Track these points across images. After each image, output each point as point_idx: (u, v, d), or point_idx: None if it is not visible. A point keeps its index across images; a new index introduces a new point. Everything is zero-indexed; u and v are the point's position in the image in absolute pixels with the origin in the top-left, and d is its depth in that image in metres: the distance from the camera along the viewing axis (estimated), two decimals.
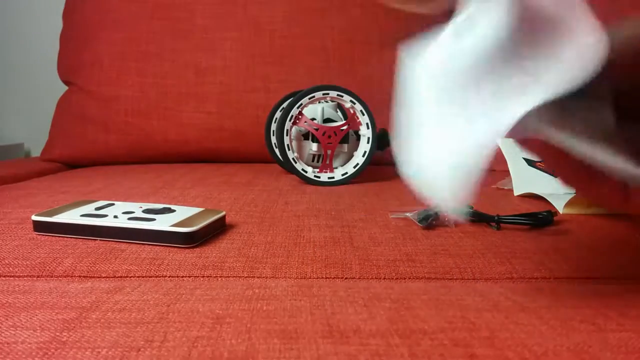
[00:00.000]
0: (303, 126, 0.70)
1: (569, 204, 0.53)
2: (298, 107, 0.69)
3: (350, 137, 0.73)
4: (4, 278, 0.36)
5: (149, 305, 0.29)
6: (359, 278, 0.37)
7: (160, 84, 0.97)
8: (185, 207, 0.46)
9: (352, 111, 0.72)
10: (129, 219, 0.42)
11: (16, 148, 1.31)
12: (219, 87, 0.97)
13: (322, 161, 0.72)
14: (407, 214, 0.49)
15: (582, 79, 0.25)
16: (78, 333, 0.25)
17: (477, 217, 0.48)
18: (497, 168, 0.90)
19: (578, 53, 0.25)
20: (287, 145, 0.69)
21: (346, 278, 0.37)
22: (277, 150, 0.79)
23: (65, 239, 0.43)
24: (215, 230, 0.44)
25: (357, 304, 0.29)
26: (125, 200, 0.58)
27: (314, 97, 0.69)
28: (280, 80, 0.97)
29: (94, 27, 1.01)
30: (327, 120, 0.73)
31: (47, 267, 0.37)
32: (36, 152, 1.34)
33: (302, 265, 0.38)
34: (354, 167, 0.72)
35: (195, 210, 0.46)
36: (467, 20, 0.33)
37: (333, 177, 0.71)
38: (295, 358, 0.23)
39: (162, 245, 0.41)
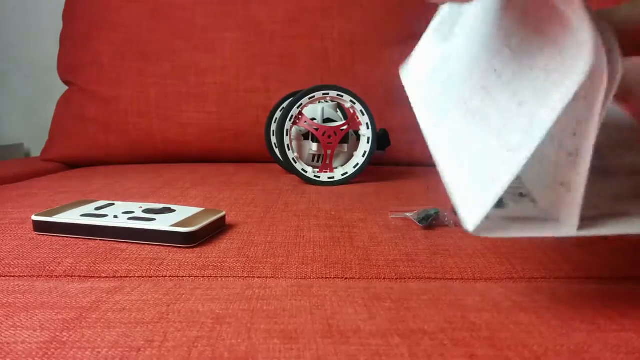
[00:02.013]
0: (303, 126, 0.70)
1: None
2: (298, 107, 0.69)
3: (350, 137, 0.73)
4: (4, 278, 0.36)
5: (149, 305, 0.29)
6: (359, 278, 0.37)
7: (160, 84, 0.97)
8: (185, 207, 0.46)
9: (352, 111, 0.72)
10: (129, 219, 0.42)
11: (16, 148, 1.31)
12: (219, 87, 0.97)
13: (322, 161, 0.72)
14: (407, 214, 0.49)
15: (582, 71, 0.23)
16: (78, 333, 0.25)
17: None
18: None
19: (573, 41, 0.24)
20: (287, 145, 0.69)
21: (346, 278, 0.37)
22: (277, 150, 0.79)
23: (65, 239, 0.43)
24: (215, 230, 0.44)
25: (357, 304, 0.29)
26: (125, 200, 0.58)
27: (314, 97, 0.69)
28: (280, 80, 0.97)
29: (94, 27, 1.01)
30: (327, 120, 0.73)
31: (47, 267, 0.37)
32: (36, 152, 1.34)
33: (302, 265, 0.38)
34: (354, 167, 0.72)
35: (195, 210, 0.46)
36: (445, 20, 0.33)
37: (333, 177, 0.71)
38: (295, 358, 0.23)
39: (162, 245, 0.41)
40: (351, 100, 0.70)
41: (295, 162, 0.70)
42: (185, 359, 0.23)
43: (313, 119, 0.71)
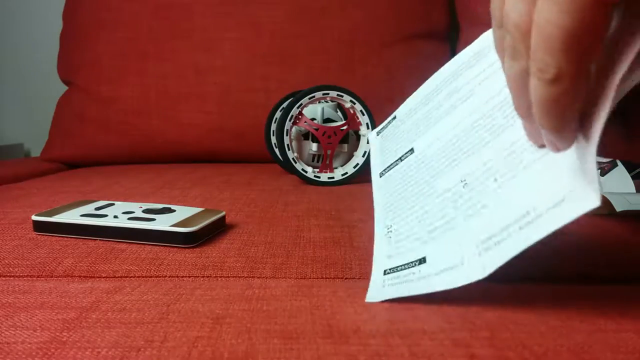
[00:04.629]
0: (303, 126, 0.70)
1: None
2: (298, 107, 0.69)
3: (350, 137, 0.73)
4: (4, 278, 0.36)
5: (149, 305, 0.29)
6: (359, 278, 0.37)
7: (160, 84, 0.97)
8: (185, 207, 0.46)
9: (352, 111, 0.72)
10: (129, 219, 0.42)
11: (16, 148, 1.31)
12: (219, 87, 0.97)
13: (322, 161, 0.72)
14: None
15: None
16: (78, 333, 0.25)
17: None
18: None
19: None
20: (287, 145, 0.69)
21: (346, 278, 0.36)
22: (277, 150, 0.79)
23: (65, 239, 0.43)
24: (215, 230, 0.44)
25: (357, 304, 0.29)
26: (125, 200, 0.58)
27: (314, 97, 0.69)
28: (280, 80, 0.97)
29: (94, 27, 1.01)
30: (327, 120, 0.73)
31: (47, 267, 0.37)
32: (36, 152, 1.34)
33: (302, 265, 0.38)
34: (354, 167, 0.72)
35: (195, 210, 0.46)
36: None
37: (333, 177, 0.71)
38: (295, 358, 0.23)
39: (162, 245, 0.41)
40: (351, 100, 0.70)
41: (295, 162, 0.70)
42: (185, 359, 0.23)
43: (313, 119, 0.71)
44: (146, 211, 0.45)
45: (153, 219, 0.42)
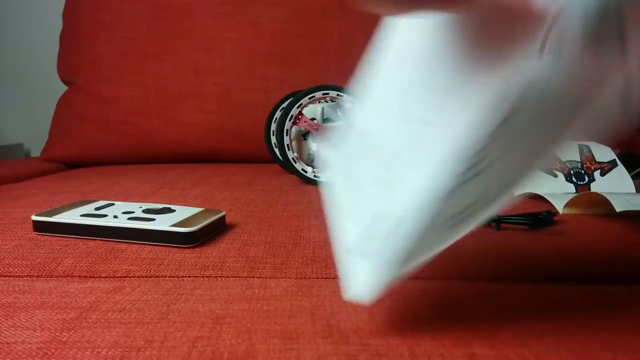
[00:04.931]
0: (303, 126, 0.70)
1: (569, 204, 0.53)
2: (298, 107, 0.69)
3: None
4: (4, 278, 0.36)
5: (149, 305, 0.29)
6: None
7: (160, 84, 0.97)
8: (185, 207, 0.46)
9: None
10: (129, 219, 0.42)
11: (16, 148, 1.31)
12: (219, 87, 0.97)
13: None
14: None
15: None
16: (78, 333, 0.25)
17: None
18: None
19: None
20: (287, 145, 0.69)
21: None
22: (277, 150, 0.79)
23: (65, 239, 0.43)
24: (215, 230, 0.44)
25: (357, 304, 0.29)
26: (125, 200, 0.58)
27: (314, 97, 0.69)
28: (280, 80, 0.97)
29: (94, 27, 1.01)
30: (327, 120, 0.73)
31: (47, 267, 0.37)
32: (36, 152, 1.35)
33: (302, 265, 0.38)
34: None
35: (195, 210, 0.46)
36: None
37: None
38: (295, 358, 0.23)
39: (162, 245, 0.41)
40: (351, 101, 0.70)
41: (295, 162, 0.70)
42: (185, 359, 0.23)
43: (313, 119, 0.71)
44: (146, 211, 0.45)
45: (153, 219, 0.42)
